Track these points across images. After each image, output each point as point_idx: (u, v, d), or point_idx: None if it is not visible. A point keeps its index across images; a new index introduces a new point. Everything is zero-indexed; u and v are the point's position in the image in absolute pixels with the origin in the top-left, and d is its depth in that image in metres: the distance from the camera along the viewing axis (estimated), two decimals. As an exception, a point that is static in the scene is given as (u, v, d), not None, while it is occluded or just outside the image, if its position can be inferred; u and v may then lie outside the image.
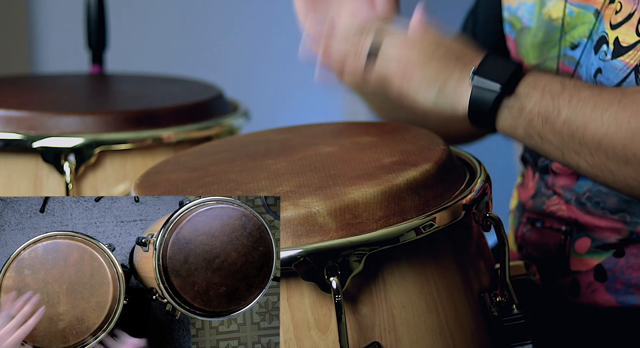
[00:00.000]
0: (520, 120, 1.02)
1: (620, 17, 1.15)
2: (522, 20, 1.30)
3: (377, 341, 0.99)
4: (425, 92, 1.02)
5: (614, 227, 1.23)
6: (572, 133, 1.01)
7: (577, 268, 1.27)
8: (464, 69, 1.02)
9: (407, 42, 1.04)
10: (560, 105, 1.01)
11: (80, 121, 1.39)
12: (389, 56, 1.03)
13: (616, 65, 1.15)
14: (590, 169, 1.03)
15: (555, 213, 1.28)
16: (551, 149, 1.03)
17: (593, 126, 1.00)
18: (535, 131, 1.02)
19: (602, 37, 1.17)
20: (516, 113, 1.02)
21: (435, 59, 1.02)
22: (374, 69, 1.01)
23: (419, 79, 1.01)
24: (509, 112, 1.02)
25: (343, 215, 0.98)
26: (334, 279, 0.96)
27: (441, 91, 1.02)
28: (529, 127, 1.02)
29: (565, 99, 1.01)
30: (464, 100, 1.02)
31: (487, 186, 1.08)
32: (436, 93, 1.02)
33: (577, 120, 1.01)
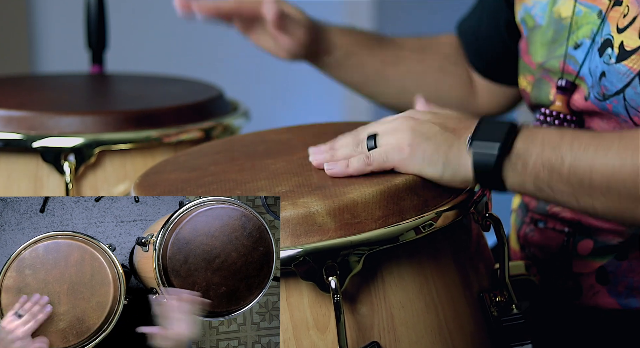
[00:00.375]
0: (526, 176, 1.03)
1: (626, 20, 1.15)
2: (535, 19, 1.30)
3: (376, 341, 0.99)
4: (431, 168, 1.04)
5: (616, 229, 1.23)
6: (580, 177, 1.01)
7: (579, 270, 1.26)
8: (461, 139, 1.04)
9: (402, 123, 1.06)
10: (563, 153, 1.02)
11: (80, 121, 1.39)
12: (387, 141, 1.05)
13: (620, 69, 1.14)
14: (608, 211, 1.03)
15: (558, 214, 1.28)
16: (565, 198, 1.04)
17: (599, 167, 1.01)
18: (544, 183, 1.03)
19: (608, 40, 1.17)
20: (521, 170, 1.03)
21: (432, 134, 1.04)
22: (376, 160, 1.04)
23: (421, 157, 1.04)
24: (513, 171, 1.03)
25: (342, 215, 0.98)
26: (333, 279, 0.96)
27: (445, 165, 1.04)
28: (537, 180, 1.03)
29: (566, 147, 1.02)
30: (468, 169, 1.03)
31: (486, 186, 1.08)
32: (442, 167, 1.04)
33: (582, 164, 1.01)
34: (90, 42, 1.79)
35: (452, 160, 1.04)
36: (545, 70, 1.27)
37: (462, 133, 1.04)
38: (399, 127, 1.06)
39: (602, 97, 1.17)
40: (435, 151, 1.04)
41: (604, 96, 1.17)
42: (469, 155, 1.03)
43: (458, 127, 1.05)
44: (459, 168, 1.04)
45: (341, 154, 1.07)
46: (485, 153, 1.03)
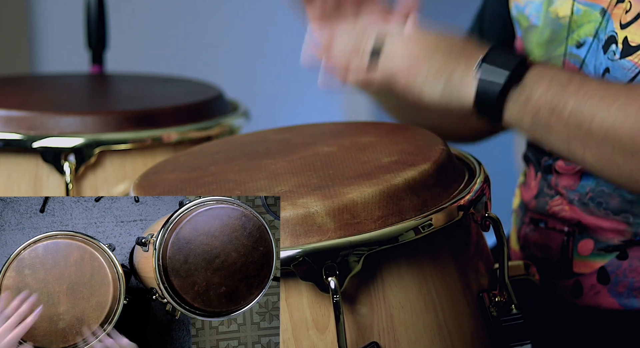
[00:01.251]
0: (526, 111, 1.01)
1: (629, 16, 1.15)
2: (530, 19, 1.30)
3: (375, 341, 0.99)
4: (431, 87, 1.01)
5: (616, 228, 1.23)
6: (579, 123, 1.00)
7: (580, 270, 1.27)
8: (470, 61, 1.02)
9: (410, 39, 1.03)
10: (568, 96, 1.00)
11: (80, 121, 1.40)
12: (392, 53, 1.02)
13: (624, 65, 1.14)
14: (596, 162, 1.02)
15: (558, 214, 1.28)
16: (557, 141, 1.03)
17: (600, 117, 0.99)
18: (541, 121, 1.01)
19: (612, 37, 1.17)
20: (523, 104, 1.01)
21: (440, 52, 1.02)
22: (378, 67, 1.01)
23: (424, 74, 1.01)
24: (515, 103, 1.01)
25: (341, 215, 0.98)
26: (332, 279, 0.96)
27: (447, 84, 1.01)
28: (536, 118, 1.01)
29: (573, 90, 1.01)
30: (470, 92, 1.01)
31: (486, 186, 1.08)
32: (442, 87, 1.01)
33: (585, 111, 1.00)
34: (90, 42, 1.79)
35: (455, 79, 1.02)
36: None
37: (471, 53, 1.02)
38: (408, 41, 1.03)
39: None
40: (440, 69, 1.02)
41: None
42: (474, 78, 1.01)
43: (467, 47, 1.03)
44: (460, 89, 1.02)
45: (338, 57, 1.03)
46: (492, 78, 1.01)
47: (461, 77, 1.01)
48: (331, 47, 1.04)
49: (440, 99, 1.01)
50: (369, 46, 1.02)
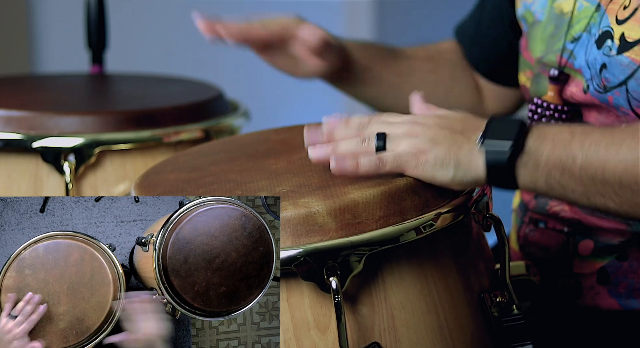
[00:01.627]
0: (538, 174, 1.03)
1: (627, 12, 1.15)
2: (535, 15, 1.30)
3: (376, 341, 0.99)
4: (443, 171, 1.03)
5: (617, 229, 1.23)
6: (592, 175, 1.01)
7: (579, 270, 1.26)
8: (471, 139, 1.04)
9: (410, 129, 1.05)
10: (574, 151, 1.01)
11: (80, 121, 1.39)
12: (397, 146, 1.05)
13: (622, 61, 1.14)
14: (620, 208, 1.03)
15: (558, 214, 1.28)
16: (576, 197, 1.04)
17: (611, 165, 1.00)
18: (555, 182, 1.02)
19: (606, 32, 1.17)
20: (532, 169, 1.02)
21: (441, 138, 1.04)
22: (389, 165, 1.03)
23: (432, 163, 1.03)
24: (525, 169, 1.03)
25: (343, 215, 0.98)
26: (334, 279, 0.96)
27: (456, 167, 1.03)
28: (549, 179, 1.02)
29: (577, 145, 1.02)
30: (480, 168, 1.03)
31: (487, 186, 1.08)
32: (453, 169, 1.03)
33: (594, 162, 1.01)
34: (90, 42, 1.79)
35: (463, 161, 1.03)
36: (543, 65, 1.28)
37: (471, 133, 1.04)
38: (410, 132, 1.05)
39: (602, 89, 1.17)
40: (447, 154, 1.03)
41: (604, 87, 1.17)
42: (480, 155, 1.03)
43: (466, 128, 1.05)
44: (470, 168, 1.03)
45: (343, 149, 1.06)
46: (497, 151, 1.02)
47: (468, 157, 1.03)
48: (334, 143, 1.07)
49: (454, 180, 1.04)
50: (372, 145, 1.05)
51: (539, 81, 1.29)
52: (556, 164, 1.02)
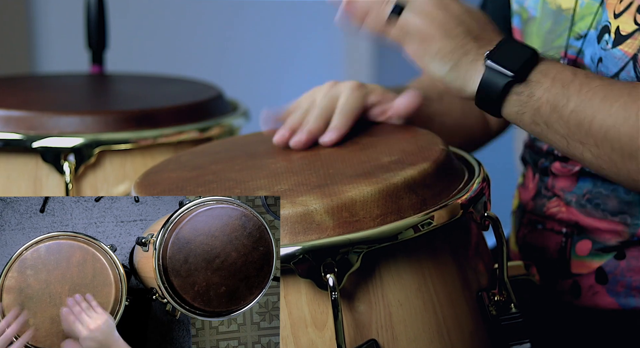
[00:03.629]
0: (527, 107, 1.02)
1: (623, 6, 1.15)
2: (529, 11, 1.30)
3: (374, 338, 0.99)
4: (439, 65, 1.02)
5: (614, 229, 1.23)
6: (579, 122, 1.00)
7: (578, 270, 1.27)
8: (480, 51, 1.02)
9: (431, 10, 1.03)
10: (570, 94, 1.01)
11: (80, 121, 1.40)
12: (411, 19, 1.03)
13: (615, 54, 1.15)
14: (595, 160, 1.02)
15: (555, 215, 1.28)
16: (556, 138, 1.03)
17: (601, 117, 1.00)
18: (542, 118, 1.02)
19: (605, 26, 1.17)
20: (525, 99, 1.02)
21: (454, 34, 1.02)
22: (395, 26, 1.01)
23: (435, 51, 1.01)
24: (517, 98, 1.02)
25: (340, 213, 0.98)
26: (331, 276, 0.96)
27: (454, 67, 1.02)
28: (536, 114, 1.02)
29: (575, 88, 1.01)
30: (474, 81, 1.02)
31: (485, 185, 1.08)
32: (449, 68, 1.02)
33: (586, 110, 1.00)
34: (90, 42, 1.79)
35: (462, 66, 1.02)
36: None
37: (483, 43, 1.03)
38: (429, 12, 1.03)
39: None
40: (451, 51, 1.02)
41: None
42: (480, 70, 1.02)
43: (481, 36, 1.04)
44: (464, 76, 1.02)
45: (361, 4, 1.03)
46: (496, 76, 1.02)
47: (469, 65, 1.02)
48: None
49: (443, 78, 1.02)
50: (389, 7, 1.03)
51: None
52: (549, 101, 1.01)
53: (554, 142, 1.04)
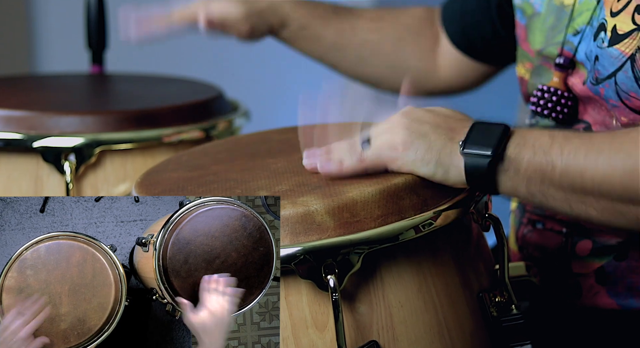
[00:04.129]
0: (518, 181, 1.03)
1: (620, 4, 1.15)
2: (534, 7, 1.30)
3: (374, 340, 0.99)
4: (424, 167, 1.03)
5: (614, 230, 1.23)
6: (571, 183, 1.01)
7: (578, 270, 1.26)
8: (454, 141, 1.04)
9: (392, 126, 1.06)
10: (553, 159, 1.01)
11: (80, 121, 1.40)
12: (379, 140, 1.05)
13: (612, 53, 1.15)
14: (601, 215, 1.03)
15: (555, 215, 1.28)
16: (557, 204, 1.04)
17: (590, 173, 1.00)
18: (536, 188, 1.03)
19: (602, 24, 1.17)
20: (512, 175, 1.03)
21: (423, 134, 1.04)
22: (369, 158, 1.04)
23: (412, 158, 1.03)
24: (506, 176, 1.03)
25: (341, 214, 0.98)
26: (332, 277, 0.96)
27: (438, 165, 1.03)
28: (529, 186, 1.03)
29: (557, 152, 1.02)
30: (461, 171, 1.03)
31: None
32: (434, 167, 1.03)
33: (573, 170, 1.01)
34: (90, 42, 1.79)
35: (444, 161, 1.03)
36: (544, 57, 1.28)
37: (455, 134, 1.04)
38: (393, 125, 1.06)
39: (595, 81, 1.17)
40: (428, 150, 1.04)
41: (596, 80, 1.17)
42: (461, 159, 1.03)
43: (452, 127, 1.05)
44: (450, 170, 1.04)
45: (336, 156, 1.07)
46: (477, 158, 1.02)
47: (449, 160, 1.03)
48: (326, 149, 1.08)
49: (435, 176, 1.04)
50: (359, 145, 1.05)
51: (541, 73, 1.29)
52: (536, 170, 1.02)
53: (558, 209, 1.05)
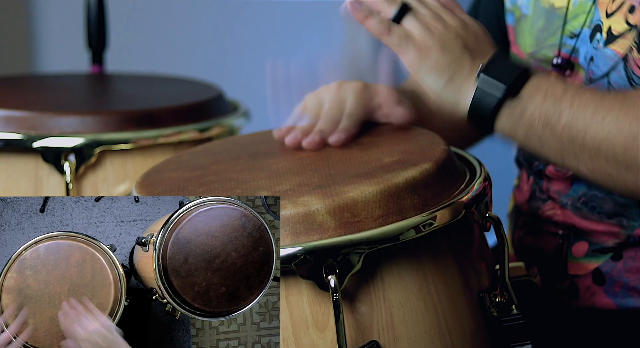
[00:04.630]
0: (520, 122, 1.02)
1: (615, 5, 1.15)
2: (521, 9, 1.30)
3: (375, 340, 0.99)
4: (434, 78, 1.02)
5: (611, 231, 1.23)
6: (572, 136, 1.01)
7: (575, 271, 1.26)
8: (474, 64, 1.02)
9: (431, 21, 1.04)
10: (562, 108, 1.01)
11: (80, 121, 1.40)
12: (411, 28, 1.03)
13: (606, 53, 1.15)
14: (590, 173, 1.03)
15: (551, 218, 1.28)
16: (550, 153, 1.03)
17: (593, 130, 1.00)
18: (535, 134, 1.02)
19: (597, 26, 1.17)
20: (517, 115, 1.02)
21: (451, 48, 1.03)
22: (395, 33, 1.02)
23: (431, 65, 1.02)
24: (510, 114, 1.02)
25: (342, 214, 0.98)
26: (332, 277, 0.96)
27: (449, 82, 1.02)
28: (529, 130, 1.02)
29: (567, 102, 1.01)
30: (468, 95, 1.02)
31: (487, 186, 1.08)
32: (444, 83, 1.02)
33: (578, 124, 1.00)
34: (90, 42, 1.79)
35: (456, 80, 1.03)
36: (537, 60, 1.28)
37: (477, 57, 1.03)
38: (429, 24, 1.04)
39: (589, 81, 1.17)
40: (447, 65, 1.03)
41: (590, 80, 1.17)
42: (473, 85, 1.02)
43: (477, 50, 1.04)
44: (458, 91, 1.03)
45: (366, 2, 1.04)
46: (489, 91, 1.02)
47: (462, 80, 1.02)
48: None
49: (438, 92, 1.03)
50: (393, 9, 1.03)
51: None
52: (542, 116, 1.01)
53: (548, 157, 1.04)
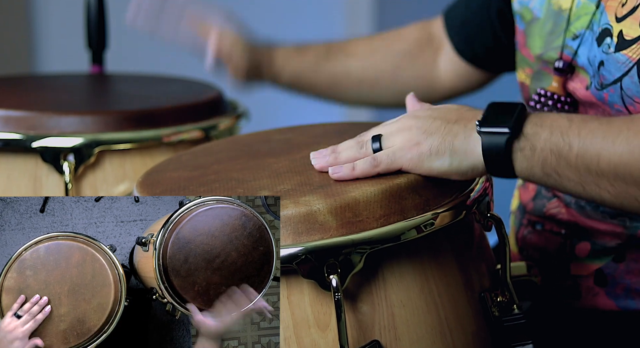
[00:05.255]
0: (534, 160, 1.02)
1: (625, 10, 1.15)
2: (533, 12, 1.30)
3: (376, 339, 0.99)
4: (438, 161, 1.03)
5: (613, 231, 1.23)
6: (587, 165, 1.01)
7: (577, 272, 1.26)
8: (467, 127, 1.04)
9: (403, 124, 1.06)
10: (571, 139, 1.01)
11: (79, 121, 1.39)
12: (391, 140, 1.05)
13: (619, 58, 1.14)
14: (615, 199, 1.03)
15: (555, 216, 1.28)
16: (571, 185, 1.03)
17: (606, 155, 1.00)
18: (551, 169, 1.02)
19: (606, 30, 1.17)
20: (529, 154, 1.02)
21: (435, 129, 1.04)
22: (384, 162, 1.04)
23: (428, 153, 1.03)
24: (522, 155, 1.02)
25: (343, 213, 0.98)
26: (334, 277, 0.96)
27: (452, 155, 1.03)
28: (545, 166, 1.02)
29: (574, 133, 1.01)
30: (477, 153, 1.03)
31: (488, 186, 1.08)
32: (449, 159, 1.03)
33: (590, 151, 1.01)
34: (90, 42, 1.79)
35: (459, 148, 1.03)
36: (544, 62, 1.28)
37: (467, 121, 1.04)
38: (403, 127, 1.06)
39: (600, 86, 1.17)
40: (441, 143, 1.03)
41: (601, 85, 1.17)
42: (477, 141, 1.02)
43: (461, 117, 1.05)
44: (466, 156, 1.03)
45: (344, 156, 1.07)
46: (494, 137, 1.02)
47: (464, 146, 1.03)
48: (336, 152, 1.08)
49: (450, 169, 1.04)
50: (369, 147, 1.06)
51: (540, 78, 1.29)
52: (553, 150, 1.02)
53: (571, 190, 1.04)
